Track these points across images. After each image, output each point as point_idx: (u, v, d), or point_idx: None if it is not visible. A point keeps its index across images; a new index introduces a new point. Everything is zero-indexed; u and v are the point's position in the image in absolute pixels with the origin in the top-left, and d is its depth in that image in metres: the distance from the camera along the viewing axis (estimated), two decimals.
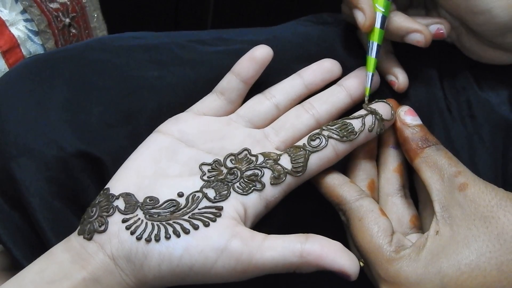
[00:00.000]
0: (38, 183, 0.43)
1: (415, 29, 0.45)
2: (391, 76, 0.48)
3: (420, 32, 0.45)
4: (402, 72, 0.48)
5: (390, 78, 0.48)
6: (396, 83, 0.48)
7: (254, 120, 0.46)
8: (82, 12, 0.68)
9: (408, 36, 0.45)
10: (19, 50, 0.63)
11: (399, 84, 0.48)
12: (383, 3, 0.44)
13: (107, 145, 0.45)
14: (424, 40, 0.45)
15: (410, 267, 0.39)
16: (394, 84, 0.48)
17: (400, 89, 0.48)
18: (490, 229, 0.38)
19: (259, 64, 0.45)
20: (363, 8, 0.44)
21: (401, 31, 0.45)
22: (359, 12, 0.44)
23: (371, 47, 0.45)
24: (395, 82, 0.48)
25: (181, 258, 0.38)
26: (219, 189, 0.41)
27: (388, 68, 0.48)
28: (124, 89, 0.46)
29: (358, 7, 0.44)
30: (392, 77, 0.48)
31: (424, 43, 0.45)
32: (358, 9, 0.44)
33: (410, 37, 0.45)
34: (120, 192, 0.41)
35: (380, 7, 0.44)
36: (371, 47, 0.45)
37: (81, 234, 0.40)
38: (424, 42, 0.45)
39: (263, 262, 0.38)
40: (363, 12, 0.44)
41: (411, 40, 0.45)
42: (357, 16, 0.44)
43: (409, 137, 0.44)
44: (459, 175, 0.40)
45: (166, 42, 0.50)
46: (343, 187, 0.43)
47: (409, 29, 0.45)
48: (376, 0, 0.44)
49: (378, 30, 0.45)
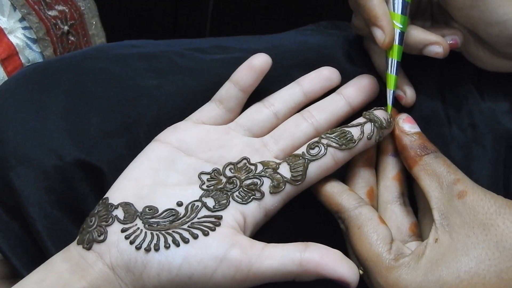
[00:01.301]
0: (37, 193, 0.43)
1: (434, 41, 0.45)
2: (399, 90, 0.48)
3: (439, 44, 0.45)
4: (410, 87, 0.48)
5: (397, 92, 0.48)
6: (404, 98, 0.48)
7: (253, 128, 0.46)
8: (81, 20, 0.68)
9: (427, 49, 0.45)
10: (18, 58, 0.63)
11: (407, 99, 0.48)
12: (400, 19, 0.44)
13: (106, 154, 0.45)
14: (443, 52, 0.45)
15: (409, 275, 0.39)
16: (402, 99, 0.48)
17: (408, 103, 0.48)
18: (489, 237, 0.38)
19: (258, 73, 0.45)
20: (382, 25, 0.43)
21: (420, 44, 0.45)
22: (378, 30, 0.44)
23: (390, 64, 0.45)
24: (403, 97, 0.48)
25: (181, 268, 0.38)
26: (218, 198, 0.41)
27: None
28: (123, 97, 0.46)
29: (377, 25, 0.43)
30: (400, 92, 0.48)
31: (443, 54, 0.45)
32: (377, 27, 0.43)
33: (429, 49, 0.45)
34: (119, 201, 0.41)
35: (398, 24, 0.44)
36: (390, 64, 0.45)
37: (80, 243, 0.40)
38: (443, 53, 0.45)
39: (263, 271, 0.38)
40: (382, 30, 0.43)
41: (430, 52, 0.45)
42: (376, 34, 0.44)
43: (407, 145, 0.43)
44: (458, 183, 0.40)
45: (165, 51, 0.50)
46: (342, 195, 0.43)
47: (428, 42, 0.45)
48: (393, 17, 0.44)
49: (397, 47, 0.44)
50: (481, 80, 0.50)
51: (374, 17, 0.43)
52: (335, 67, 0.48)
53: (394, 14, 0.44)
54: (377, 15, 0.43)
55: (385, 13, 0.43)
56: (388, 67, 0.45)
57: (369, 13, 0.43)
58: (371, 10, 0.43)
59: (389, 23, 0.43)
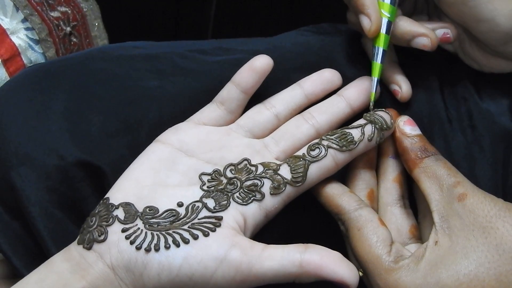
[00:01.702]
0: (38, 192, 0.43)
1: (421, 33, 0.45)
2: (395, 85, 0.48)
3: (426, 36, 0.45)
4: (405, 82, 0.48)
5: (393, 87, 0.48)
6: (400, 93, 0.48)
7: (254, 130, 0.46)
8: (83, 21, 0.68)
9: (414, 40, 0.45)
10: (20, 59, 0.63)
11: (402, 93, 0.48)
12: (389, 8, 0.44)
13: (107, 154, 0.45)
14: (430, 44, 0.45)
15: (409, 277, 0.39)
16: (398, 94, 0.48)
17: (403, 98, 0.48)
18: (489, 240, 0.38)
19: (259, 74, 0.45)
20: (369, 13, 0.44)
21: (407, 35, 0.45)
22: (365, 18, 0.44)
23: (376, 53, 0.45)
24: (399, 92, 0.48)
25: (181, 268, 0.38)
26: (219, 199, 0.41)
27: (392, 77, 0.48)
28: (124, 98, 0.46)
29: (365, 12, 0.44)
30: (396, 87, 0.48)
31: (430, 47, 0.45)
32: (364, 14, 0.44)
33: (416, 41, 0.45)
34: (120, 201, 0.41)
35: (386, 13, 0.44)
36: (376, 52, 0.45)
37: (80, 243, 0.40)
38: (430, 46, 0.45)
39: (263, 272, 0.38)
40: (369, 18, 0.44)
41: (417, 44, 0.45)
42: (363, 22, 0.44)
43: (408, 147, 0.44)
44: (458, 185, 0.40)
45: (167, 52, 0.50)
46: (342, 197, 0.43)
47: (415, 33, 0.45)
48: (382, 6, 0.44)
49: (383, 36, 0.45)
50: (479, 81, 0.50)
51: (362, 5, 0.44)
52: (336, 69, 0.48)
53: (382, 3, 0.44)
54: (364, 3, 0.44)
55: (373, 2, 0.44)
56: (374, 55, 0.45)
57: (357, 2, 0.44)
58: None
59: (376, 11, 0.44)
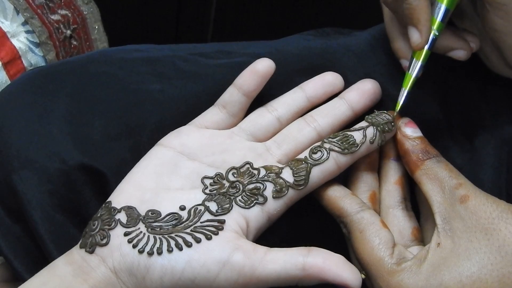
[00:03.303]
0: (40, 196, 0.43)
1: (461, 47, 0.45)
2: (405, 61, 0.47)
3: (464, 49, 0.45)
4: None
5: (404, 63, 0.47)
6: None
7: (256, 133, 0.46)
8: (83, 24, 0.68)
9: (453, 52, 0.45)
10: (20, 62, 0.63)
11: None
12: (438, 25, 0.44)
13: (109, 158, 0.45)
14: (465, 57, 0.45)
15: (411, 279, 0.39)
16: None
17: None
18: (491, 241, 0.38)
19: (261, 77, 0.45)
20: (421, 30, 0.43)
21: (448, 49, 0.45)
22: (415, 32, 0.43)
23: (413, 65, 0.45)
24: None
25: (183, 271, 0.38)
26: (221, 203, 0.41)
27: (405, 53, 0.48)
28: (126, 102, 0.46)
29: (418, 27, 0.43)
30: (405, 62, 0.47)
31: (464, 58, 0.45)
32: (415, 28, 0.43)
33: (454, 53, 0.45)
34: (122, 205, 0.41)
35: (435, 30, 0.44)
36: (413, 64, 0.45)
37: (83, 247, 0.40)
38: (464, 58, 0.45)
39: (266, 275, 0.38)
40: (420, 34, 0.43)
41: (453, 55, 0.45)
42: (412, 35, 0.43)
43: (409, 149, 0.44)
44: (460, 187, 0.40)
45: (169, 55, 0.50)
46: (344, 200, 0.43)
47: (455, 47, 0.45)
48: (432, 22, 0.44)
49: (426, 52, 0.44)
50: (485, 85, 0.50)
51: (417, 19, 0.43)
52: (338, 72, 0.48)
53: (433, 19, 0.44)
54: (420, 19, 0.43)
55: (428, 19, 0.43)
56: (410, 67, 0.45)
57: (413, 14, 0.43)
58: (415, 12, 0.43)
59: (428, 29, 0.43)
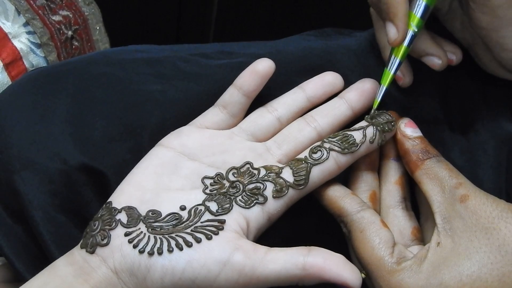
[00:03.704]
0: (41, 196, 0.44)
1: (436, 54, 0.45)
2: (399, 72, 0.48)
3: (439, 58, 0.45)
4: (409, 72, 0.48)
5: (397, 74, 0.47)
6: (402, 80, 0.48)
7: (256, 133, 0.46)
8: (85, 25, 0.69)
9: (427, 58, 0.46)
10: (22, 63, 0.64)
11: (405, 80, 0.48)
12: (417, 22, 0.44)
13: (110, 158, 0.45)
14: (440, 66, 0.46)
15: (412, 279, 0.39)
16: (400, 80, 0.48)
17: (405, 84, 0.48)
18: (491, 241, 0.38)
19: (261, 78, 0.45)
20: (398, 25, 0.43)
21: (423, 52, 0.46)
22: (392, 27, 0.43)
23: (392, 62, 0.45)
24: (402, 78, 0.48)
25: (184, 271, 0.38)
26: (221, 203, 0.41)
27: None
28: (127, 102, 0.46)
29: (394, 22, 0.43)
30: (400, 73, 0.48)
31: (439, 68, 0.46)
32: (392, 23, 0.43)
33: (429, 59, 0.46)
34: (123, 205, 0.41)
35: (414, 26, 0.44)
36: (392, 62, 0.45)
37: (83, 247, 0.40)
38: (439, 67, 0.46)
39: (266, 274, 0.39)
40: (396, 29, 0.43)
41: (428, 61, 0.46)
42: (389, 30, 0.44)
43: (409, 149, 0.44)
44: (460, 187, 0.40)
45: (170, 56, 0.50)
46: (345, 199, 0.43)
47: (429, 53, 0.45)
48: (411, 17, 0.44)
49: (404, 48, 0.44)
50: (484, 85, 0.50)
51: (393, 14, 0.43)
52: (338, 72, 0.48)
53: (413, 15, 0.44)
54: (397, 14, 0.43)
55: (405, 14, 0.43)
56: (389, 63, 0.45)
57: (389, 9, 0.43)
58: (392, 7, 0.43)
59: (405, 25, 0.43)
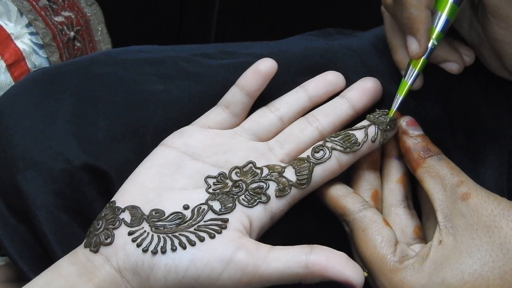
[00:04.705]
0: (44, 196, 0.44)
1: (454, 60, 0.45)
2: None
3: (457, 63, 0.45)
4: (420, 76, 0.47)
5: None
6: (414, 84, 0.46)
7: (258, 133, 0.46)
8: (87, 26, 0.69)
9: (445, 64, 0.46)
10: (24, 63, 0.64)
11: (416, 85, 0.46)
12: (437, 35, 0.44)
13: (113, 158, 0.45)
14: (457, 70, 0.46)
15: (414, 277, 0.39)
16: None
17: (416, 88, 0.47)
18: (493, 239, 0.38)
19: (264, 77, 0.46)
20: (420, 41, 0.42)
21: (441, 59, 0.46)
22: (414, 41, 0.43)
23: (410, 73, 0.45)
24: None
25: (187, 270, 0.38)
26: (224, 202, 0.41)
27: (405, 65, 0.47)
28: (130, 102, 0.46)
29: (416, 37, 0.43)
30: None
31: (457, 72, 0.46)
32: (414, 38, 0.43)
33: (447, 65, 0.46)
34: (126, 205, 0.41)
35: (434, 39, 0.44)
36: (410, 72, 0.45)
37: (87, 246, 0.40)
38: (457, 71, 0.46)
39: (269, 273, 0.39)
40: (418, 44, 0.43)
41: (446, 67, 0.46)
42: (410, 44, 0.43)
43: (411, 147, 0.44)
44: (461, 185, 0.40)
45: (172, 56, 0.50)
46: (347, 198, 0.43)
47: (449, 59, 0.45)
48: (432, 31, 0.43)
49: (423, 60, 0.44)
50: (486, 85, 0.50)
51: (416, 30, 0.42)
52: (340, 72, 0.48)
53: (433, 29, 0.43)
54: (420, 29, 0.42)
55: (427, 30, 0.42)
56: (406, 74, 0.45)
57: (412, 24, 0.42)
58: (415, 22, 0.42)
59: (427, 40, 0.43)
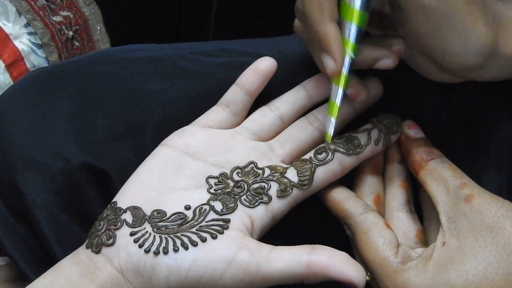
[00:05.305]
0: (44, 196, 0.43)
1: (384, 55, 0.43)
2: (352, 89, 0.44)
3: (388, 57, 0.42)
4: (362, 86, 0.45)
5: (351, 91, 0.44)
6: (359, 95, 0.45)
7: (259, 132, 0.46)
8: (85, 25, 0.69)
9: (378, 63, 0.43)
10: (23, 63, 0.63)
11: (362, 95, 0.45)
12: (353, 47, 0.41)
13: (112, 157, 0.45)
14: (392, 64, 0.43)
15: (418, 278, 0.39)
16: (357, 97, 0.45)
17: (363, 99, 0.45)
18: (496, 240, 0.38)
19: (264, 76, 0.46)
20: (334, 56, 0.40)
21: (371, 61, 0.43)
22: (329, 59, 0.40)
23: (335, 93, 0.41)
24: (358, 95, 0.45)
25: (189, 270, 0.38)
26: (226, 202, 0.41)
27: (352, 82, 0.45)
28: (129, 101, 0.46)
29: (329, 53, 0.40)
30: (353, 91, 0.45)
31: (393, 66, 0.43)
32: (328, 54, 0.40)
33: (380, 63, 0.43)
34: (128, 205, 0.41)
35: (350, 52, 0.41)
36: (335, 92, 0.41)
37: (89, 247, 0.40)
38: (393, 65, 0.43)
39: (271, 273, 0.39)
40: (333, 60, 0.40)
41: (381, 66, 0.43)
42: (326, 62, 0.41)
43: (413, 150, 0.44)
44: (464, 187, 0.40)
45: (170, 54, 0.50)
46: (348, 201, 0.43)
47: (378, 57, 0.43)
48: (346, 44, 0.41)
49: (344, 76, 0.41)
50: (486, 83, 0.50)
51: (327, 45, 0.40)
52: None
53: (347, 41, 0.41)
54: (330, 44, 0.40)
55: (338, 44, 0.40)
56: (332, 94, 0.42)
57: (322, 40, 0.40)
58: (324, 37, 0.40)
59: (341, 54, 0.40)
